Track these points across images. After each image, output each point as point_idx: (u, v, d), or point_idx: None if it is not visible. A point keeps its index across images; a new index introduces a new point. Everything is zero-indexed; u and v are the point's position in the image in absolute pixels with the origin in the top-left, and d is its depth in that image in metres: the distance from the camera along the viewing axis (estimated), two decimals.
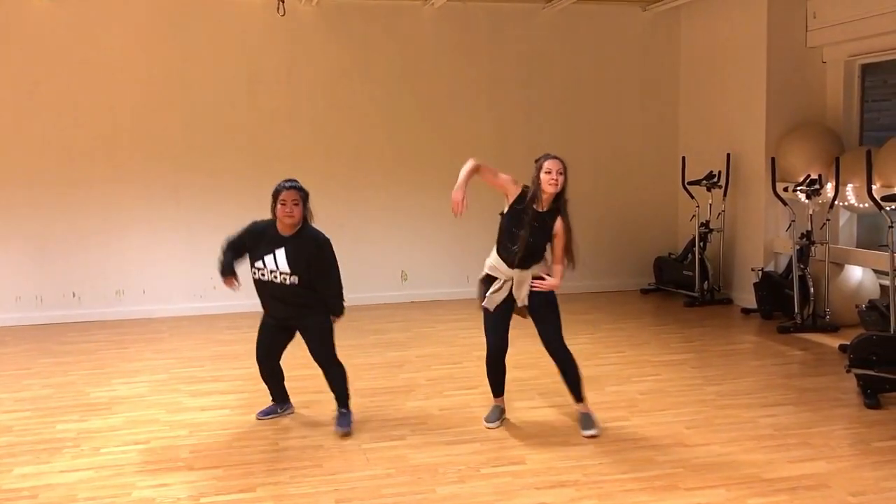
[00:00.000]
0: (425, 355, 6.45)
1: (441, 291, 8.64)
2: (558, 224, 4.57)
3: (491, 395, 4.93)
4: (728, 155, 8.18)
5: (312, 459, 4.34)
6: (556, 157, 4.52)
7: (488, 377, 4.89)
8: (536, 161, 4.58)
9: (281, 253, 4.60)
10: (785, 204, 7.44)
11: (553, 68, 8.84)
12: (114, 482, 4.07)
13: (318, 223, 5.03)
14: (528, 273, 4.60)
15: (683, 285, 8.54)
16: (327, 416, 5.03)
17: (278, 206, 4.60)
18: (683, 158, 8.65)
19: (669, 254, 8.95)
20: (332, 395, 4.90)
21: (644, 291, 8.99)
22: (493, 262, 4.67)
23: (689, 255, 8.49)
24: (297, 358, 5.85)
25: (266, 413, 5.04)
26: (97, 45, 7.84)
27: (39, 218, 7.83)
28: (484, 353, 4.82)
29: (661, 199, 9.20)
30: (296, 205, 4.59)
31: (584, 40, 8.88)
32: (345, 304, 4.83)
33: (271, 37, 8.17)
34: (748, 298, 7.89)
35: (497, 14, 8.62)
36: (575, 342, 6.73)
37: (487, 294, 4.66)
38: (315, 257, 4.65)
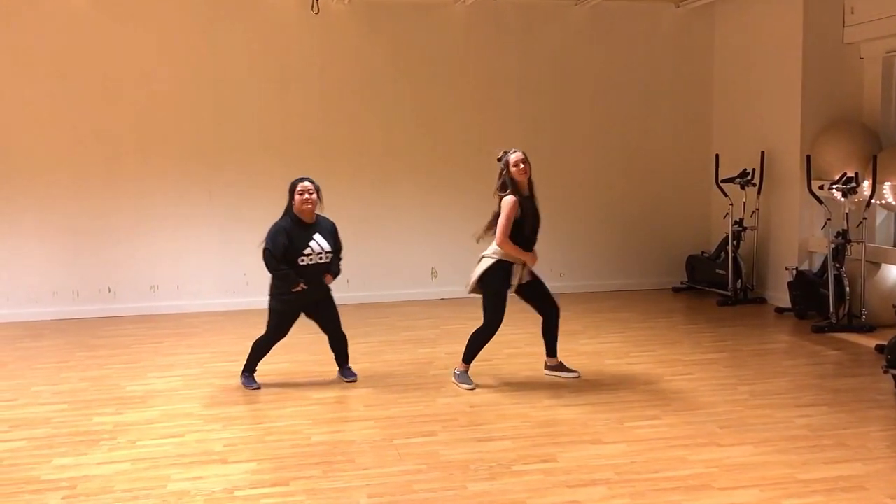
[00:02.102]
0: (455, 353, 6.41)
1: None
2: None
3: (468, 364, 5.61)
4: (762, 153, 8.10)
5: (344, 454, 4.36)
6: (515, 150, 5.39)
7: (479, 350, 5.57)
8: (500, 159, 5.43)
9: (318, 237, 5.46)
10: (820, 202, 7.35)
11: (584, 66, 8.80)
12: (150, 474, 4.13)
13: (350, 219, 5.34)
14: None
15: (716, 284, 8.46)
16: (358, 411, 5.07)
17: (296, 196, 5.42)
18: (717, 156, 8.57)
19: (702, 252, 8.87)
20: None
21: (676, 290, 8.91)
22: (501, 253, 5.38)
23: (723, 254, 8.41)
24: (327, 354, 5.91)
25: (254, 383, 5.64)
26: (133, 43, 7.94)
27: (76, 214, 7.96)
28: (513, 350, 5.14)
29: (694, 196, 9.12)
30: (311, 193, 5.42)
31: (616, 37, 8.82)
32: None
33: (304, 35, 8.22)
34: (782, 298, 7.80)
35: (528, 11, 8.60)
36: (605, 341, 6.77)
37: (513, 280, 5.42)
38: (336, 235, 5.59)
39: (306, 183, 5.42)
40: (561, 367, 5.73)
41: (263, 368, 6.00)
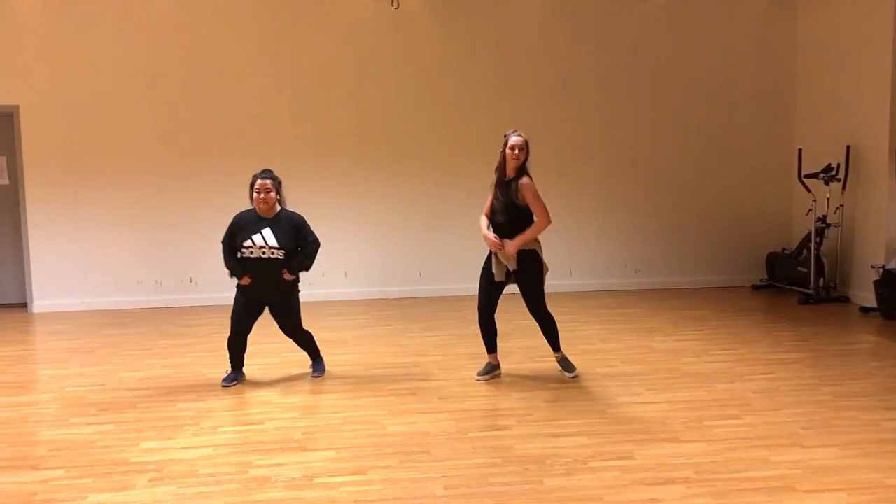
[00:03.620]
0: (527, 347, 6.43)
1: None
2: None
3: (489, 353, 5.66)
4: (848, 147, 7.83)
5: (420, 445, 4.40)
6: (518, 134, 5.48)
7: (483, 336, 5.64)
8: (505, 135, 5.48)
9: (267, 231, 5.34)
10: None
11: (663, 59, 8.65)
12: (232, 460, 4.24)
13: (422, 213, 5.31)
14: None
15: (797, 282, 8.24)
16: (433, 403, 5.10)
17: (254, 193, 5.32)
18: (800, 150, 8.33)
19: (783, 249, 8.64)
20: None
21: (755, 288, 8.70)
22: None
23: (805, 251, 8.18)
24: (401, 346, 5.95)
25: (230, 381, 5.55)
26: (213, 40, 8.14)
27: (160, 208, 8.21)
28: (588, 346, 4.89)
29: (775, 192, 8.90)
30: (268, 191, 5.30)
31: (695, 29, 8.65)
32: (309, 268, 5.48)
33: (382, 29, 8.29)
34: (867, 297, 7.54)
35: (604, 4, 8.49)
36: (683, 338, 6.65)
37: (493, 266, 5.51)
38: (297, 232, 5.38)
39: (263, 180, 5.32)
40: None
41: (340, 359, 6.10)
